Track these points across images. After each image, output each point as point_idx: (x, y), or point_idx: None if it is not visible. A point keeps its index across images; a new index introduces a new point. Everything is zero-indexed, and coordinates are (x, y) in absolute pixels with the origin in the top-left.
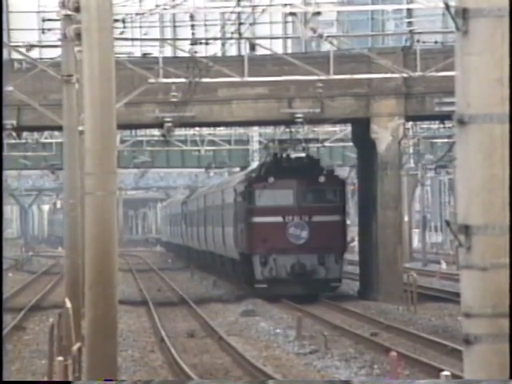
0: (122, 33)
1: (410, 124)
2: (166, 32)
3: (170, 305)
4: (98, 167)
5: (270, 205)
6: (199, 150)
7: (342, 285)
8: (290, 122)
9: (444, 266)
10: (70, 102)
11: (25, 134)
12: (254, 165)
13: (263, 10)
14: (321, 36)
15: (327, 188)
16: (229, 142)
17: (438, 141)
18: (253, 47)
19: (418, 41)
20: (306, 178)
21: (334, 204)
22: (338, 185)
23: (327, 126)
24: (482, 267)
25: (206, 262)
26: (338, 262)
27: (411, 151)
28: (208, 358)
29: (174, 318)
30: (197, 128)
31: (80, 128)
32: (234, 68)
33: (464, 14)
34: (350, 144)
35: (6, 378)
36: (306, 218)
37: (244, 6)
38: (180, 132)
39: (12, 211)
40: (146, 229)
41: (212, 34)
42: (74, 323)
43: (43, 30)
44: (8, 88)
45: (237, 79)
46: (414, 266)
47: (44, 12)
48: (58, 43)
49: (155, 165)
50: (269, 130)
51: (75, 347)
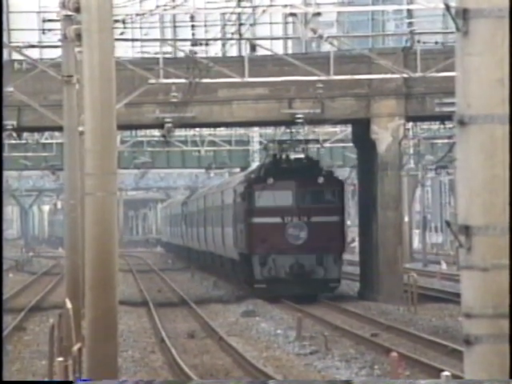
0: (122, 33)
1: (410, 124)
2: (166, 33)
3: (170, 305)
4: (98, 168)
5: (269, 205)
6: (199, 151)
7: (340, 285)
8: (290, 122)
9: (444, 266)
10: (70, 102)
11: (25, 134)
12: (254, 165)
13: (263, 11)
14: (321, 36)
15: (326, 189)
16: (229, 142)
17: (439, 141)
18: (253, 48)
19: (419, 41)
20: (305, 179)
21: (332, 205)
22: (337, 186)
23: (327, 127)
24: (483, 268)
25: (206, 262)
26: (336, 262)
27: (411, 152)
28: (208, 359)
29: (175, 319)
30: (197, 128)
31: (80, 128)
32: (235, 68)
33: (464, 14)
34: (351, 144)
35: (6, 379)
36: (305, 219)
37: (244, 7)
38: (180, 132)
39: (12, 212)
40: (146, 229)
41: (212, 35)
42: (74, 324)
43: (43, 30)
44: (8, 88)
45: (237, 80)
46: (414, 267)
47: (44, 12)
48: (59, 44)
49: (155, 165)
50: (269, 130)
51: (75, 348)
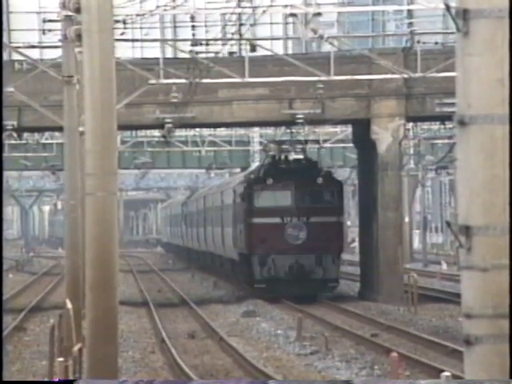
0: (122, 34)
1: (410, 125)
2: (166, 33)
3: (170, 306)
4: (98, 168)
5: (268, 206)
6: (200, 151)
7: (339, 285)
8: (290, 122)
9: (444, 266)
10: (70, 102)
11: (25, 134)
12: (254, 166)
13: (264, 11)
14: (321, 37)
15: (325, 189)
16: (229, 142)
17: (439, 141)
18: (253, 48)
19: (419, 41)
20: (304, 180)
21: (331, 205)
22: (336, 186)
23: (328, 127)
24: (483, 268)
25: (205, 262)
26: (335, 262)
27: (412, 152)
28: (209, 359)
29: (175, 319)
30: (197, 129)
31: (81, 129)
32: (235, 69)
33: (465, 14)
34: (351, 145)
35: (6, 379)
36: (304, 219)
37: (244, 7)
38: (180, 133)
39: (13, 212)
40: (146, 230)
41: (212, 35)
42: (74, 324)
43: (44, 30)
44: (9, 89)
45: (237, 80)
46: (414, 267)
47: (45, 13)
48: (59, 44)
49: (156, 165)
50: (269, 130)
51: (76, 348)
